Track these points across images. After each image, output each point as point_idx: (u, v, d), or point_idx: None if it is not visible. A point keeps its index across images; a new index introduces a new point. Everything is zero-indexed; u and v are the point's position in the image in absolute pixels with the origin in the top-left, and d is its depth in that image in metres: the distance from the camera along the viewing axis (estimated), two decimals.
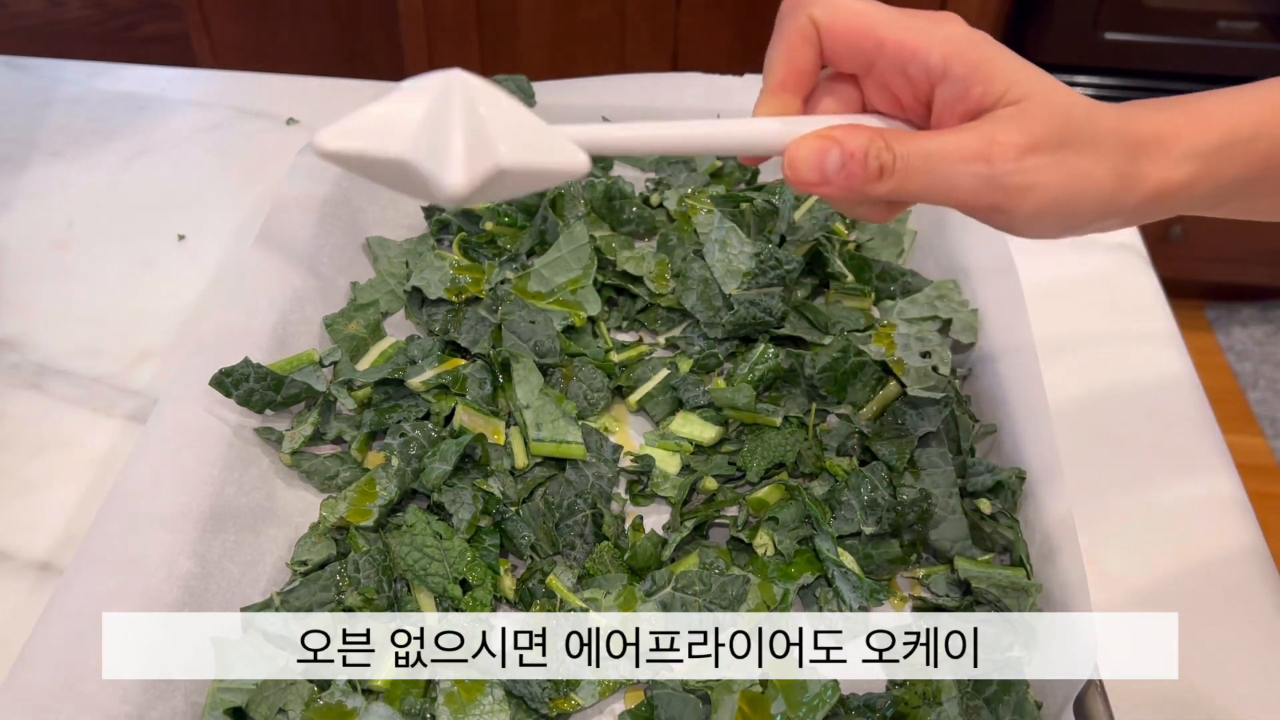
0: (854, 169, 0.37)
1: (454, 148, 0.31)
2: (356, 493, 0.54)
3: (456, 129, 0.32)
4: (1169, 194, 0.38)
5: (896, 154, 0.37)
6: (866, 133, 0.37)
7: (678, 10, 1.52)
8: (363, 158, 0.32)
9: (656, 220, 0.72)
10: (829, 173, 0.37)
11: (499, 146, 0.32)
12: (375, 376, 0.60)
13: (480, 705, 0.47)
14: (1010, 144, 0.36)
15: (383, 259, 0.69)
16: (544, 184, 0.35)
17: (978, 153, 0.37)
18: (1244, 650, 0.51)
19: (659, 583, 0.51)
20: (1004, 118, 0.37)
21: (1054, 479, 0.51)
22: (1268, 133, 0.38)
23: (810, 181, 0.38)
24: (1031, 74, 0.37)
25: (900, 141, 0.37)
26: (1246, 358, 1.77)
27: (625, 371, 0.62)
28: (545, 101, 0.76)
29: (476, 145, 0.32)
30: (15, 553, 0.55)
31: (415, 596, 0.51)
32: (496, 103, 0.33)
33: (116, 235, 0.75)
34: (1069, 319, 0.69)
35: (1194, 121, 0.38)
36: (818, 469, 0.57)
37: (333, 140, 0.32)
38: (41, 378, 0.64)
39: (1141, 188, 0.38)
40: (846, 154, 0.37)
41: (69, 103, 0.87)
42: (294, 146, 0.72)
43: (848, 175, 0.37)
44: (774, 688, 0.47)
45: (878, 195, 0.38)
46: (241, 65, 1.50)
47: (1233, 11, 1.50)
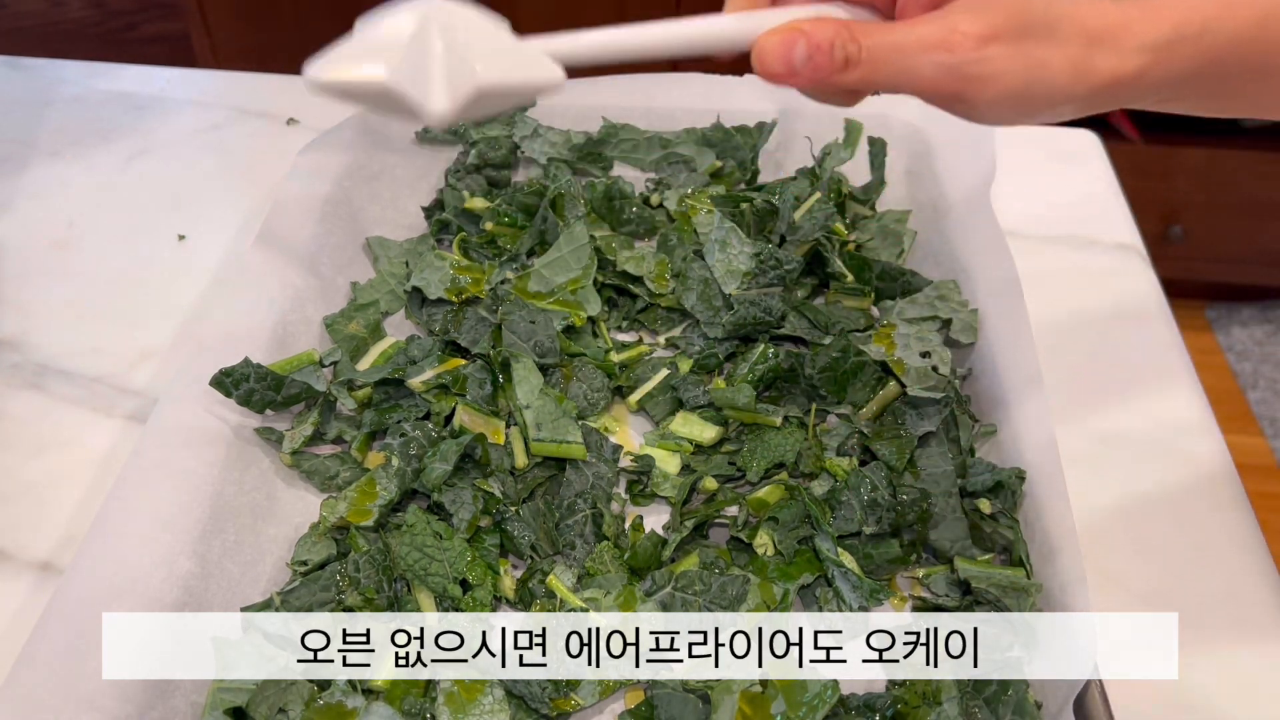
0: (820, 60, 0.39)
1: (435, 74, 0.33)
2: (356, 493, 0.54)
3: (437, 55, 0.34)
4: (1120, 84, 0.40)
5: (862, 45, 0.39)
6: (833, 25, 0.39)
7: (678, 10, 1.52)
8: (351, 87, 0.34)
9: (656, 220, 0.72)
10: (796, 64, 0.39)
11: (477, 67, 0.34)
12: (375, 376, 0.60)
13: (480, 705, 0.47)
14: (971, 34, 0.38)
15: (383, 259, 0.69)
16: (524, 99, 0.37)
17: (940, 42, 0.38)
18: (1244, 650, 0.51)
19: (659, 583, 0.51)
20: (965, 8, 0.38)
21: (1054, 479, 0.51)
22: (1215, 28, 0.39)
23: (778, 73, 0.39)
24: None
25: (866, 33, 0.39)
26: (1246, 358, 1.77)
27: (625, 371, 0.62)
28: (545, 101, 0.76)
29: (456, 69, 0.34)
30: (15, 553, 0.55)
31: (415, 596, 0.51)
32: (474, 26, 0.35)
33: (116, 235, 0.75)
34: (1069, 319, 0.69)
35: (1146, 14, 0.39)
36: (818, 469, 0.57)
37: (322, 71, 0.34)
38: (41, 378, 0.64)
39: (1094, 77, 0.39)
40: (813, 46, 0.39)
41: (69, 103, 0.87)
42: (294, 146, 0.72)
43: (814, 67, 0.39)
44: (774, 688, 0.47)
45: (845, 85, 0.40)
46: (241, 65, 1.50)
47: None
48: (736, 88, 0.77)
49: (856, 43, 0.39)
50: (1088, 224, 0.77)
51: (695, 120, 0.76)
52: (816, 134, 0.75)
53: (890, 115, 0.75)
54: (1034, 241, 0.75)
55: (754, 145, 0.75)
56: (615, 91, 0.77)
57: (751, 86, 0.77)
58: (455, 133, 0.75)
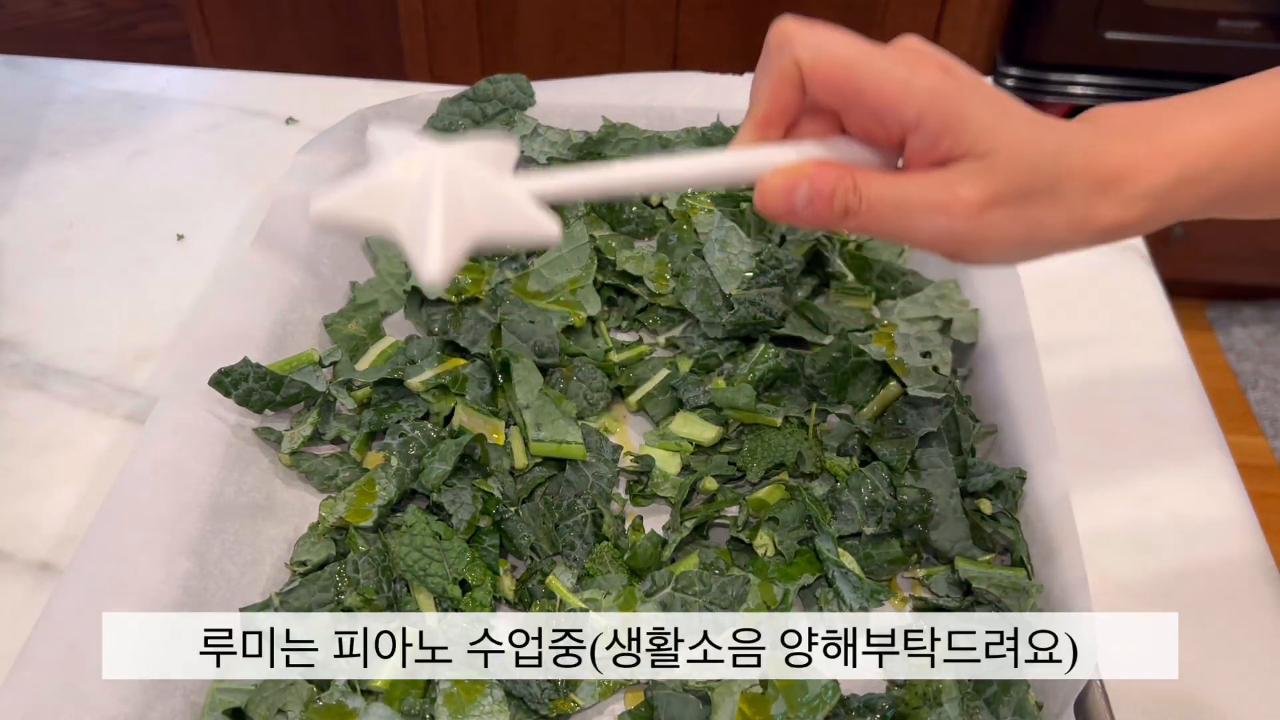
0: (820, 207, 0.39)
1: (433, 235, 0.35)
2: (356, 493, 0.54)
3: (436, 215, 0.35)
4: (1120, 230, 0.40)
5: (863, 197, 0.39)
6: (836, 172, 0.39)
7: (678, 10, 1.52)
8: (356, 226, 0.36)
9: (656, 220, 0.72)
10: (797, 207, 0.39)
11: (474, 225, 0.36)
12: (375, 376, 0.60)
13: (480, 705, 0.47)
14: (971, 201, 0.38)
15: (382, 259, 0.69)
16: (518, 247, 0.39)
17: (940, 205, 0.38)
18: (1244, 650, 0.51)
19: (659, 583, 0.51)
20: (968, 171, 0.38)
21: (1054, 480, 0.51)
22: (1228, 165, 0.39)
23: (779, 214, 0.40)
24: (1003, 125, 0.38)
25: (868, 184, 0.39)
26: (1246, 358, 1.77)
27: (625, 371, 0.62)
28: (545, 101, 0.76)
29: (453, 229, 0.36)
30: (15, 553, 0.55)
31: (415, 597, 0.51)
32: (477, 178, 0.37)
33: (116, 235, 0.75)
34: (1069, 319, 0.69)
35: (1154, 156, 0.39)
36: (818, 469, 0.57)
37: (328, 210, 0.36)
38: (42, 377, 0.64)
39: (1094, 227, 0.39)
40: (814, 191, 0.39)
41: (69, 103, 0.87)
42: (294, 146, 0.72)
43: (814, 212, 0.39)
44: (774, 688, 0.47)
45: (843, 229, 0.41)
46: (241, 65, 1.50)
47: (1233, 11, 1.50)
48: (736, 88, 0.77)
49: (858, 194, 0.39)
50: None
51: (695, 120, 0.76)
52: None
53: None
54: None
55: None
56: (615, 91, 0.77)
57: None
58: (454, 132, 0.75)
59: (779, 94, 0.40)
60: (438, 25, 1.52)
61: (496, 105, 0.76)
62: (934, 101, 0.38)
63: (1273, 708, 0.49)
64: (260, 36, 1.65)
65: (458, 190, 0.36)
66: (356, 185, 0.36)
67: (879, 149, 0.41)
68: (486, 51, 1.55)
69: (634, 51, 1.56)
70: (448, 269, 0.35)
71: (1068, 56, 1.56)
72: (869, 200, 0.39)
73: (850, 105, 0.40)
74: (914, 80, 0.38)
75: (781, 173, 0.40)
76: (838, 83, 0.39)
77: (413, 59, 1.55)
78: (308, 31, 1.63)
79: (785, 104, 0.41)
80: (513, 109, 0.76)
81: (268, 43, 1.65)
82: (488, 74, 0.77)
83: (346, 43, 1.63)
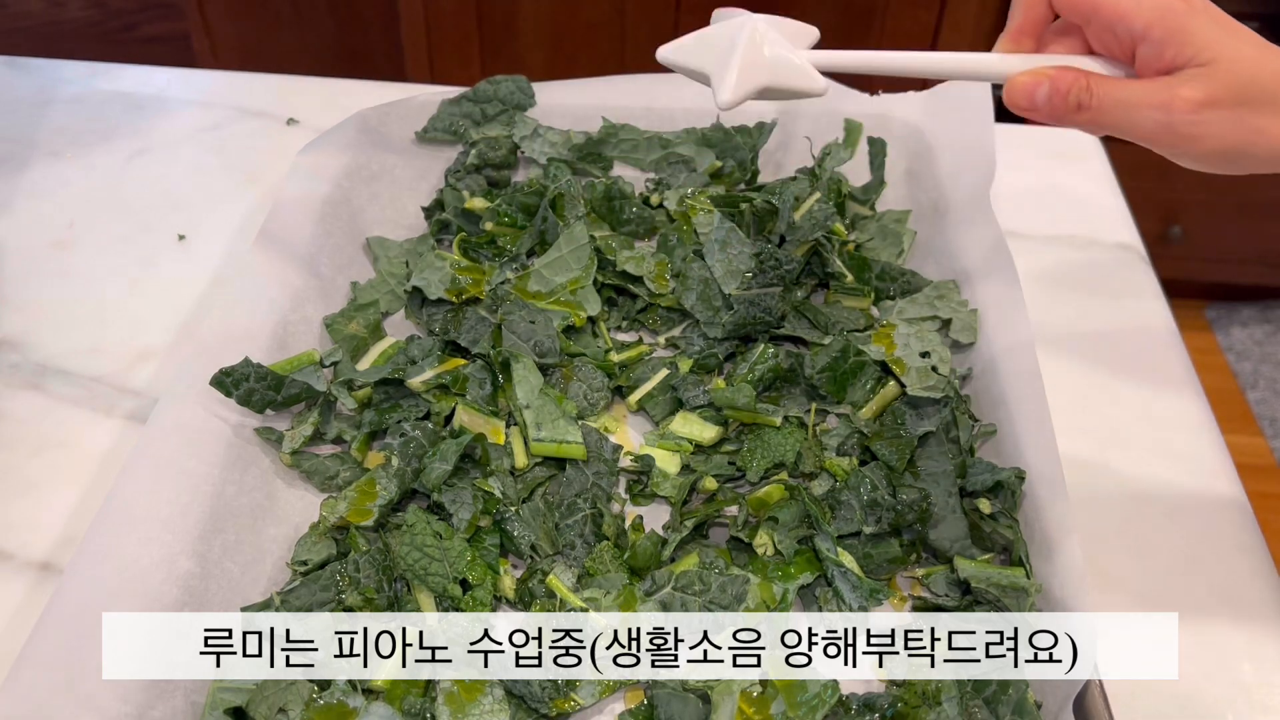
0: (1057, 102, 0.46)
1: (731, 74, 0.50)
2: (356, 493, 0.54)
3: (737, 61, 0.50)
4: None
5: (1094, 94, 0.46)
6: (1074, 74, 0.46)
7: (678, 10, 1.52)
8: (683, 67, 0.53)
9: (656, 220, 0.72)
10: (1038, 102, 0.47)
11: (763, 75, 0.50)
12: (375, 376, 0.60)
13: (480, 705, 0.47)
14: (1189, 99, 0.44)
15: (383, 259, 0.69)
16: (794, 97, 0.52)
17: (1161, 103, 0.44)
18: (1244, 650, 0.51)
19: (659, 583, 0.51)
20: (1189, 76, 0.44)
21: (1054, 479, 0.51)
22: None
23: (1022, 106, 0.47)
24: (1224, 38, 0.44)
25: (1100, 84, 0.46)
26: (1246, 358, 1.77)
27: (625, 371, 0.62)
28: (545, 102, 0.76)
29: (748, 72, 0.50)
30: (15, 553, 0.55)
31: (415, 596, 0.51)
32: (775, 42, 0.51)
33: (116, 235, 0.75)
34: (1069, 319, 0.69)
35: None
36: (818, 469, 0.57)
37: (668, 53, 0.53)
38: (41, 378, 0.64)
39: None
40: (1054, 89, 0.46)
41: (69, 103, 0.87)
42: (294, 146, 0.72)
43: (1052, 106, 0.47)
44: (774, 688, 0.47)
45: (1075, 124, 0.47)
46: (241, 65, 1.49)
47: (1233, 11, 1.50)
48: None
49: (1090, 91, 0.46)
50: (1088, 224, 0.77)
51: (695, 120, 0.76)
52: (816, 134, 0.75)
53: (890, 115, 0.75)
54: (1034, 241, 0.75)
55: (754, 145, 0.75)
56: (615, 91, 0.77)
57: None
58: (455, 133, 0.75)
59: (1031, 9, 0.48)
60: (438, 26, 1.52)
61: (497, 106, 0.76)
62: (1161, 15, 0.44)
63: (1272, 708, 0.49)
64: (260, 36, 1.65)
65: (759, 47, 0.50)
66: (691, 36, 0.52)
67: (1117, 63, 0.48)
68: (486, 52, 1.55)
69: (634, 51, 1.56)
70: (737, 99, 0.50)
71: None
72: (1099, 96, 0.45)
73: (1089, 20, 0.47)
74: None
75: (1029, 73, 0.47)
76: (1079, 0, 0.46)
77: (413, 59, 1.55)
78: (308, 31, 1.63)
79: (1036, 18, 0.49)
80: (513, 110, 0.76)
81: (268, 43, 1.65)
82: (488, 74, 0.77)
83: (346, 43, 1.63)
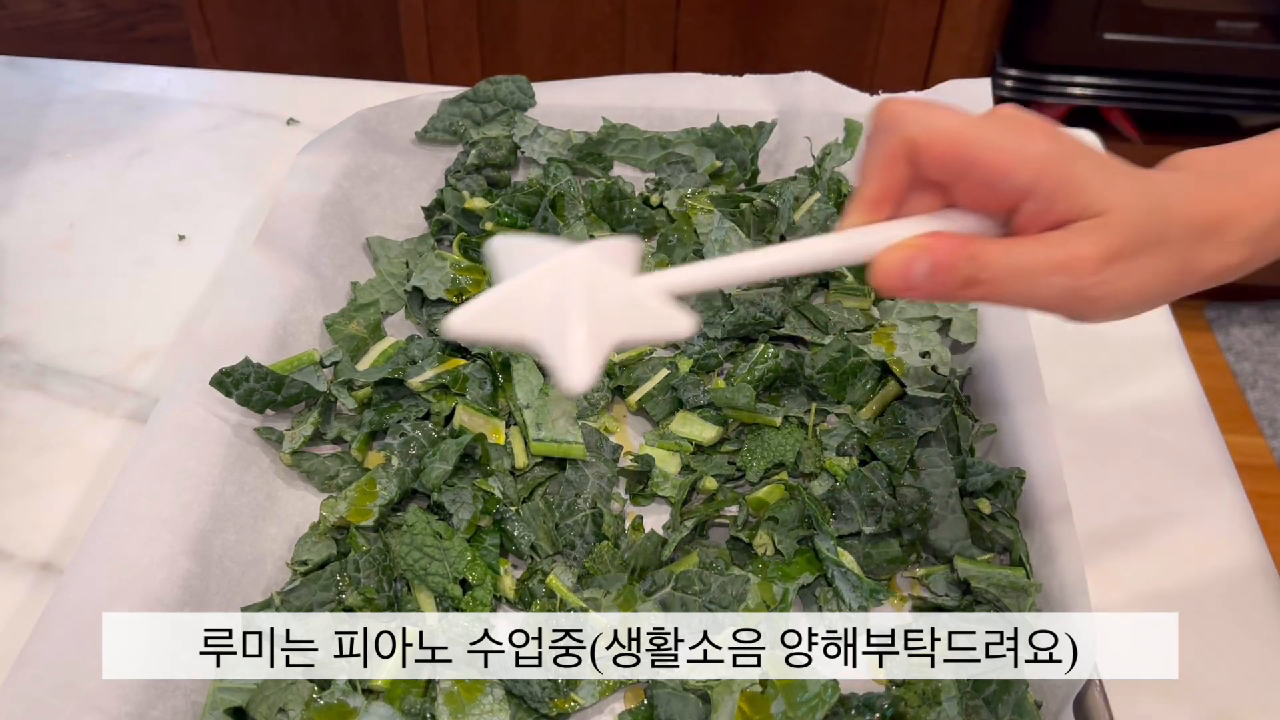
0: (940, 278, 0.40)
1: (575, 345, 0.36)
2: (356, 492, 0.54)
3: (577, 326, 0.36)
4: (1224, 274, 0.42)
5: (983, 265, 0.39)
6: (953, 243, 0.40)
7: (678, 10, 1.52)
8: (496, 340, 0.38)
9: (656, 220, 0.72)
10: (915, 281, 0.40)
11: (612, 331, 0.37)
12: (375, 376, 0.60)
13: (480, 705, 0.47)
14: (1091, 258, 0.39)
15: (383, 259, 0.69)
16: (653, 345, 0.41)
17: (1061, 265, 0.39)
18: (1244, 650, 0.51)
19: (659, 583, 0.51)
20: (1085, 230, 0.39)
21: (1054, 479, 0.51)
22: None
23: (897, 289, 0.40)
24: (1114, 184, 0.39)
25: (986, 252, 0.39)
26: (1246, 358, 1.77)
27: (625, 371, 0.62)
28: (545, 101, 0.76)
29: (594, 335, 0.37)
30: (15, 553, 0.55)
31: (415, 596, 0.51)
32: (608, 282, 0.38)
33: (116, 235, 0.75)
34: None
35: (1251, 202, 0.41)
36: (818, 469, 0.57)
37: (466, 324, 0.37)
38: (42, 378, 0.64)
39: (1199, 274, 0.41)
40: (934, 264, 0.39)
41: (69, 103, 0.87)
42: (294, 146, 0.72)
43: (935, 284, 0.40)
44: (774, 688, 0.47)
45: (963, 299, 0.41)
46: (241, 65, 1.50)
47: (1233, 12, 1.50)
48: (736, 88, 0.77)
49: (977, 262, 0.39)
50: None
51: (695, 120, 0.76)
52: (816, 134, 0.75)
53: None
54: None
55: (754, 145, 0.75)
56: (615, 91, 0.77)
57: (751, 86, 0.77)
58: (455, 133, 0.75)
59: (891, 172, 0.41)
60: (438, 25, 1.52)
61: (497, 106, 0.76)
62: (1047, 166, 0.39)
63: (1273, 708, 0.49)
64: (260, 36, 1.65)
65: (594, 298, 0.37)
66: (492, 298, 0.37)
67: (988, 218, 0.41)
68: (487, 52, 1.55)
69: (634, 52, 1.56)
70: (592, 375, 0.36)
71: (1067, 57, 1.56)
72: (990, 268, 0.39)
73: (963, 177, 0.40)
74: (1026, 148, 0.39)
75: (899, 247, 0.40)
76: (951, 156, 0.40)
77: (413, 59, 1.55)
78: (308, 31, 1.63)
79: (897, 181, 0.41)
80: (513, 110, 0.76)
81: (268, 43, 1.65)
82: (488, 74, 0.77)
83: (346, 43, 1.64)
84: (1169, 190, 0.41)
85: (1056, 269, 0.39)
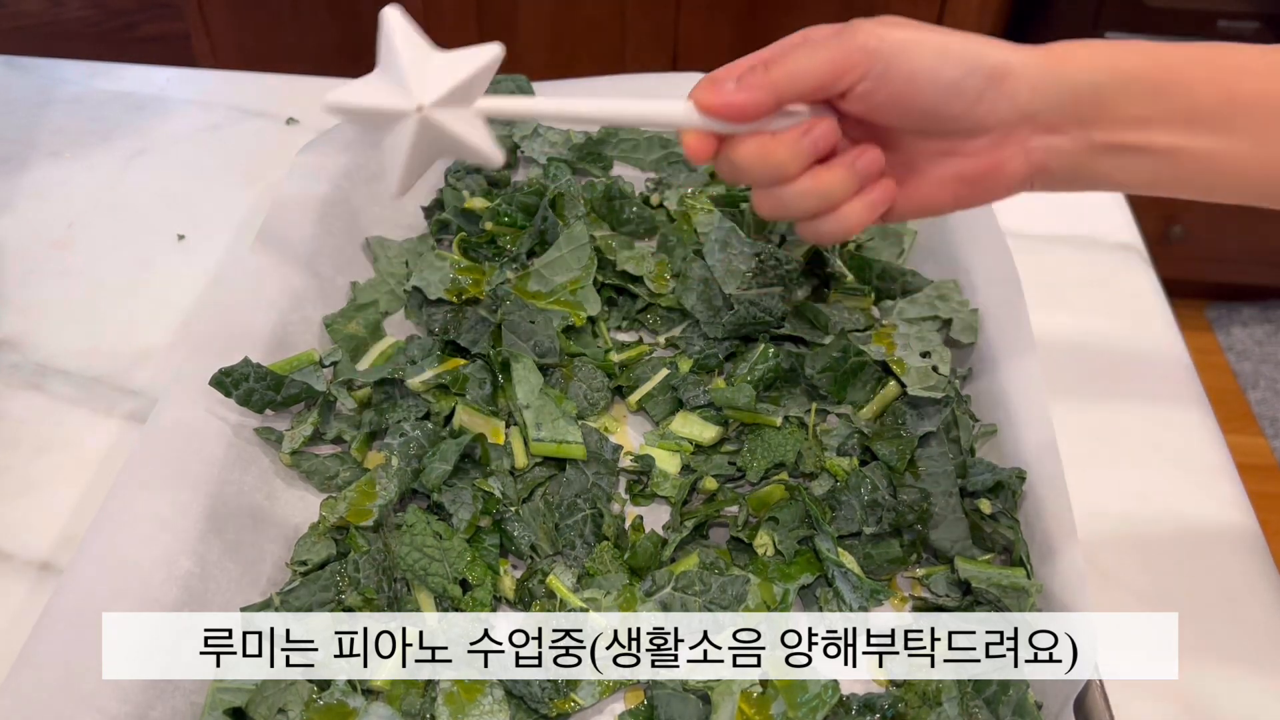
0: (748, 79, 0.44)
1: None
2: (356, 493, 0.54)
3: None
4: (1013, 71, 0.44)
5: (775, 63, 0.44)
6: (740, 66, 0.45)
7: (678, 10, 1.52)
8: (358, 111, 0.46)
9: (656, 220, 0.72)
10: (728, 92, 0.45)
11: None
12: (375, 376, 0.60)
13: (480, 705, 0.47)
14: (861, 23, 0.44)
15: (383, 259, 0.69)
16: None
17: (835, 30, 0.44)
18: (1244, 650, 0.51)
19: (659, 583, 0.51)
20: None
21: (1054, 479, 0.51)
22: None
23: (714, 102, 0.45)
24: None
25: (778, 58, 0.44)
26: (1246, 357, 1.77)
27: (625, 371, 0.62)
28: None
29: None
30: (15, 553, 0.55)
31: (415, 596, 0.51)
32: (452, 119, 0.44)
33: (116, 235, 0.75)
34: (1069, 319, 0.69)
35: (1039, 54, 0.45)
36: (818, 469, 0.57)
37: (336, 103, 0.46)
38: (41, 378, 0.64)
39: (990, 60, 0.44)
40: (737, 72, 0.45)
41: (69, 103, 0.87)
42: (294, 146, 0.72)
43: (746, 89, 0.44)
44: (774, 688, 0.47)
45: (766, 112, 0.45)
46: (241, 65, 1.49)
47: (1233, 11, 1.50)
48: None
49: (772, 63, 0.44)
50: (1088, 224, 0.77)
51: None
52: None
53: None
54: (1034, 241, 0.75)
55: None
56: (615, 91, 0.77)
57: None
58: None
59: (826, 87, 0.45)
60: (437, 25, 1.52)
61: None
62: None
63: (1273, 708, 0.49)
64: (260, 36, 1.65)
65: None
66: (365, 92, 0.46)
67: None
68: None
69: (634, 51, 1.56)
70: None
71: None
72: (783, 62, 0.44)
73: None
74: None
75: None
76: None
77: None
78: (308, 31, 1.63)
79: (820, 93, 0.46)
80: None
81: (268, 43, 1.65)
82: None
83: (346, 43, 1.63)
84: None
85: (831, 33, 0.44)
